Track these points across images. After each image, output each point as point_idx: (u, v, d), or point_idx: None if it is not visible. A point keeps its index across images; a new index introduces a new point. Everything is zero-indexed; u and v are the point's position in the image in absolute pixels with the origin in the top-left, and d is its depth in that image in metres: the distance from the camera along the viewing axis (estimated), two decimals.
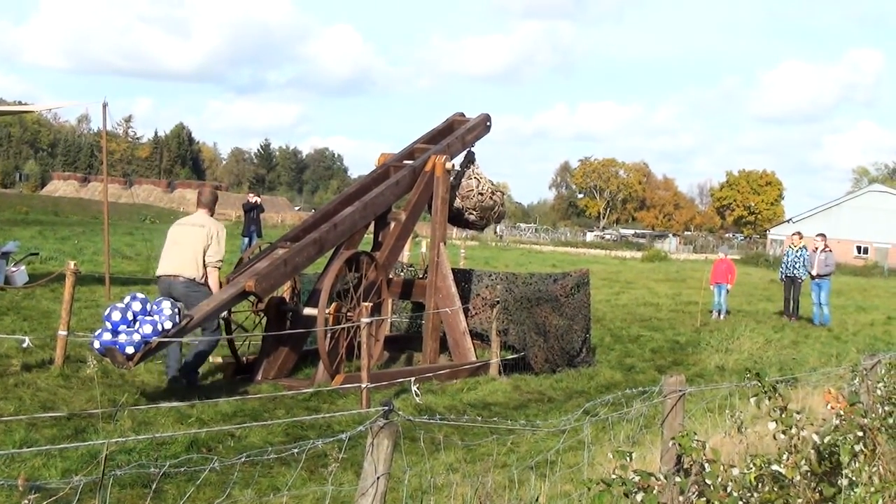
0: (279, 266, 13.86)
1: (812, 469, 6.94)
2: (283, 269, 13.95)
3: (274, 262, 14.00)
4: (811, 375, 13.65)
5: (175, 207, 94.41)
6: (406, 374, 14.99)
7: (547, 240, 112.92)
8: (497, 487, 7.79)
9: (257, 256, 14.81)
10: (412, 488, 7.64)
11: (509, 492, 7.59)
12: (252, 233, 35.69)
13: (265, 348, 14.88)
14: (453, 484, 7.63)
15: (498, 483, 7.92)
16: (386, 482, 5.20)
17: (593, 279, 20.03)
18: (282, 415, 12.38)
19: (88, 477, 5.25)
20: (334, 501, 8.33)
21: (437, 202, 16.61)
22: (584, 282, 18.24)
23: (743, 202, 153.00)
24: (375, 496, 5.17)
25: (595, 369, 17.69)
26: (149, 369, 14.18)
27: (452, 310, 16.39)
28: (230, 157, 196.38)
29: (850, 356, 18.60)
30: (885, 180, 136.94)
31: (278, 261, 13.96)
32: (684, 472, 6.80)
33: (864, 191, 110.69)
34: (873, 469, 7.39)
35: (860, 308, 34.37)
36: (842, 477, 6.98)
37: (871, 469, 7.34)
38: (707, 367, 18.84)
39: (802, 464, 6.93)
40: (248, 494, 8.52)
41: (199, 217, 13.87)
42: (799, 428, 7.03)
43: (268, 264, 13.97)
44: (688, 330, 24.36)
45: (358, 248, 15.82)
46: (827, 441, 7.11)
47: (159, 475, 5.96)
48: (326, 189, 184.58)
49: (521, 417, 13.06)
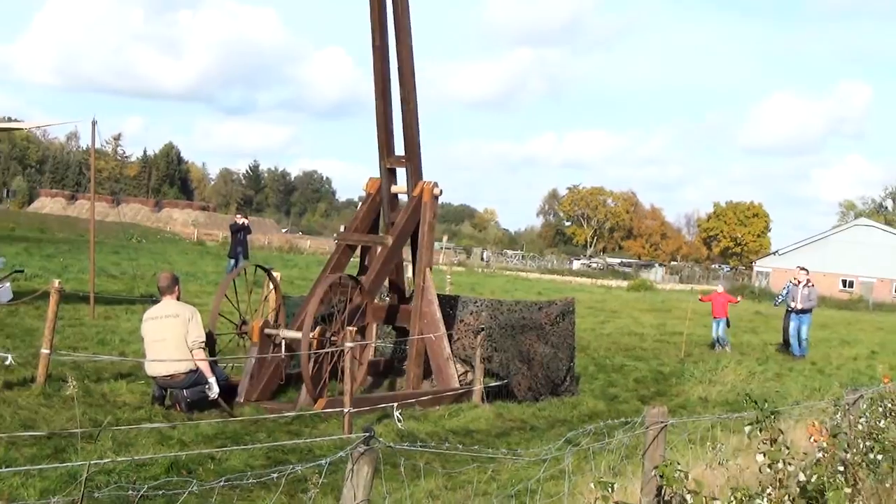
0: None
1: None
2: None
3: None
4: (794, 409, 13.64)
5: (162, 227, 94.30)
6: (389, 399, 14.93)
7: (533, 267, 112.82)
8: None
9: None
10: None
11: None
12: (238, 254, 35.63)
13: (248, 371, 14.83)
14: None
15: None
16: None
17: (579, 308, 20.02)
18: (263, 438, 12.34)
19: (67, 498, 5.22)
20: None
21: (425, 227, 16.59)
22: (570, 310, 18.21)
23: (730, 233, 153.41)
24: None
25: (578, 398, 17.66)
26: (131, 390, 14.13)
27: (437, 335, 16.37)
28: (218, 177, 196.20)
29: (833, 390, 18.61)
30: (872, 214, 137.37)
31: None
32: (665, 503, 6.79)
33: (850, 224, 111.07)
34: None
35: (844, 342, 34.39)
36: None
37: None
38: (690, 399, 18.84)
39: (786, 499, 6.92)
40: None
41: (170, 306, 13.82)
42: (786, 462, 7.04)
43: None
44: (672, 360, 24.34)
45: (343, 273, 15.82)
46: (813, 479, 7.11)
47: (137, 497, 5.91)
48: (314, 212, 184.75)
49: (503, 445, 13.02)
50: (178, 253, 53.18)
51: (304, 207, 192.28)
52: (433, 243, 16.95)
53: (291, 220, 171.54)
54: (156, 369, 13.47)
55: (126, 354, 16.50)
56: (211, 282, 32.92)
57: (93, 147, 23.52)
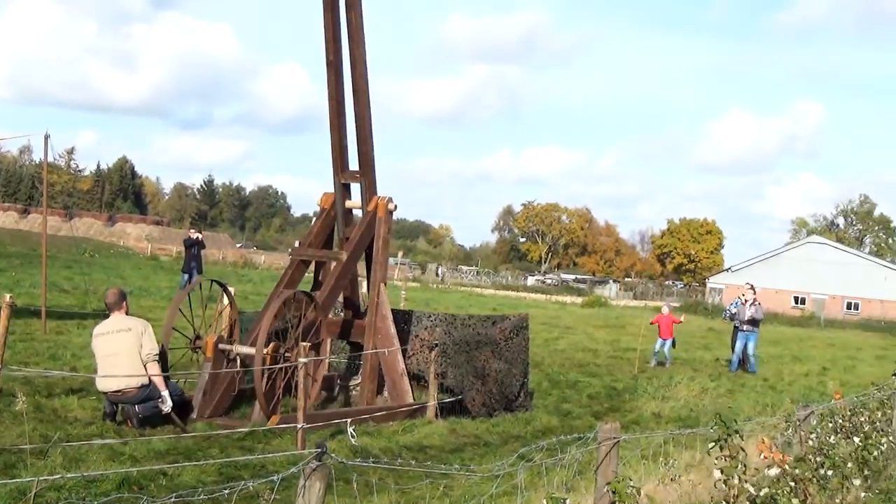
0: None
1: None
2: None
3: None
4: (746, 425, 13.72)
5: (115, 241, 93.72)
6: (342, 415, 14.88)
7: (488, 283, 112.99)
8: None
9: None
10: None
11: None
12: (192, 269, 35.51)
13: (202, 386, 14.75)
14: None
15: None
16: None
17: (533, 323, 20.05)
18: (216, 454, 12.28)
19: None
20: None
21: (379, 242, 16.58)
22: (524, 326, 18.25)
23: (683, 250, 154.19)
24: None
25: (532, 414, 17.68)
26: (82, 405, 14.02)
27: (391, 351, 16.35)
28: (173, 191, 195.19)
29: (784, 406, 18.74)
30: (824, 232, 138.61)
31: None
32: None
33: (802, 242, 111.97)
34: None
35: (796, 358, 34.65)
36: None
37: None
38: (643, 415, 18.89)
39: None
40: None
41: (121, 321, 13.70)
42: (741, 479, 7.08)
43: None
44: (625, 376, 24.43)
45: (297, 288, 15.79)
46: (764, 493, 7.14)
47: None
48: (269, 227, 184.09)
49: (457, 461, 13.02)
50: (131, 268, 52.84)
51: (259, 222, 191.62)
52: (388, 259, 16.94)
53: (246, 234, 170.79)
54: (107, 385, 13.31)
55: (77, 370, 16.36)
56: (164, 297, 32.71)
57: (45, 161, 23.31)
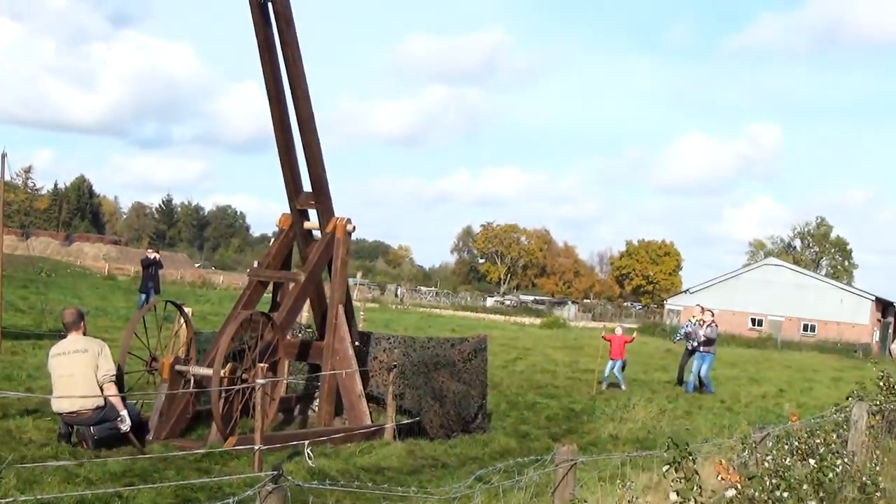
0: None
1: None
2: None
3: None
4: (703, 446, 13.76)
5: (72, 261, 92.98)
6: (300, 436, 14.83)
7: (447, 304, 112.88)
8: None
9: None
10: None
11: None
12: (150, 289, 35.37)
13: (158, 407, 14.67)
14: None
15: None
16: None
17: (491, 345, 20.10)
18: (172, 476, 12.20)
19: None
20: None
21: (338, 263, 16.57)
22: (482, 347, 18.28)
23: (642, 272, 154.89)
24: None
25: (490, 436, 17.68)
26: (37, 426, 13.90)
27: (348, 372, 16.33)
28: (131, 211, 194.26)
29: (741, 428, 18.80)
30: (781, 254, 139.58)
31: None
32: None
33: (759, 264, 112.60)
34: None
35: (753, 380, 34.84)
36: None
37: None
38: (601, 436, 18.92)
39: None
40: None
41: (77, 341, 13.60)
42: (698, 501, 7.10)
43: None
44: (583, 398, 24.48)
45: (255, 309, 15.75)
46: None
47: None
48: (228, 247, 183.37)
49: (414, 483, 12.98)
50: (88, 287, 52.51)
51: (218, 242, 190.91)
52: (346, 279, 16.91)
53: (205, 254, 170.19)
54: (62, 405, 13.19)
55: (33, 390, 16.23)
56: (121, 317, 32.54)
57: (1, 179, 23.18)
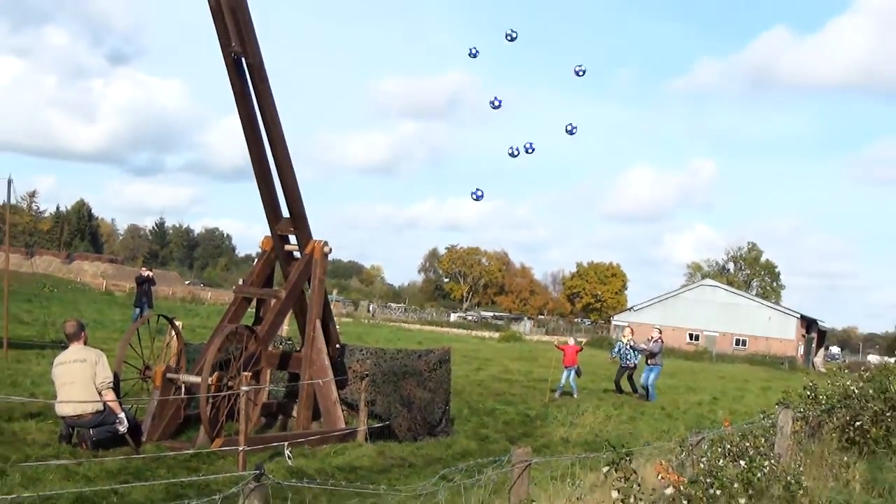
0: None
1: None
2: None
3: None
4: (645, 449, 13.80)
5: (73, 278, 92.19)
6: (280, 438, 14.82)
7: (415, 319, 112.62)
8: None
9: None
10: None
11: None
12: (143, 304, 35.29)
13: (151, 411, 14.62)
14: None
15: None
16: None
17: (454, 356, 20.07)
18: (164, 474, 12.15)
19: None
20: None
21: (315, 282, 16.56)
22: (446, 359, 18.30)
23: (591, 291, 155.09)
24: None
25: (453, 438, 17.68)
26: (40, 428, 13.82)
27: (325, 381, 16.31)
28: (127, 232, 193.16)
29: (679, 432, 18.87)
30: (716, 276, 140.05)
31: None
32: None
33: (697, 284, 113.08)
34: None
35: (690, 389, 34.99)
36: None
37: None
38: (553, 439, 18.95)
39: None
40: None
41: (77, 352, 13.61)
42: (637, 498, 7.13)
43: None
44: (537, 404, 24.49)
45: (240, 323, 15.73)
46: None
47: None
48: (215, 266, 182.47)
49: (384, 481, 12.97)
50: (87, 302, 52.12)
51: (206, 262, 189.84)
52: (323, 297, 16.90)
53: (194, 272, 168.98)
54: (65, 410, 13.22)
55: (36, 395, 16.14)
56: (118, 329, 32.30)
57: (8, 203, 23.17)
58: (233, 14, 13.62)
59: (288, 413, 17.30)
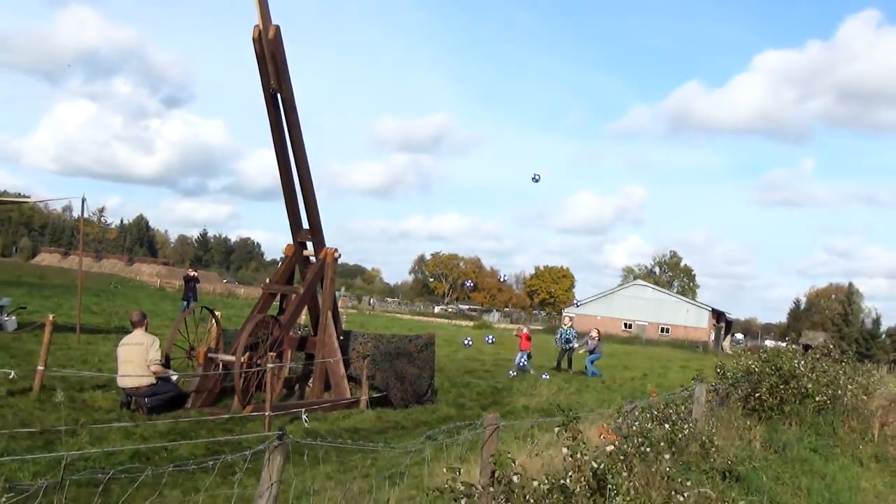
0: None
1: (588, 484, 6.99)
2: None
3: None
4: (589, 415, 13.77)
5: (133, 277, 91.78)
6: (298, 406, 14.78)
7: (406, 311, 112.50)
8: (361, 492, 7.68)
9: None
10: (298, 491, 7.46)
11: (369, 495, 7.47)
12: (190, 297, 35.21)
13: (195, 384, 14.54)
14: (328, 489, 7.49)
15: (362, 489, 7.80)
16: (278, 487, 5.13)
17: (438, 340, 20.03)
18: (204, 434, 12.07)
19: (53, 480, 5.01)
20: (240, 500, 8.08)
21: (327, 281, 16.50)
22: (431, 342, 18.24)
23: (546, 289, 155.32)
24: (269, 497, 5.10)
25: (436, 406, 17.61)
26: (105, 397, 13.73)
27: (335, 360, 16.25)
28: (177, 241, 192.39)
29: (616, 401, 18.79)
30: (645, 277, 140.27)
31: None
32: (497, 482, 6.78)
33: (630, 284, 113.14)
34: (631, 484, 7.47)
35: (625, 367, 34.96)
36: (609, 489, 7.04)
37: (629, 484, 7.42)
38: (517, 407, 18.88)
39: (582, 480, 6.97)
40: (174, 494, 8.25)
41: (138, 336, 13.71)
42: (583, 454, 7.09)
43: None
44: (504, 379, 24.43)
45: (267, 313, 15.66)
46: (600, 464, 7.17)
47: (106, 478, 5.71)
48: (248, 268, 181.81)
49: (382, 440, 12.93)
50: (144, 296, 51.83)
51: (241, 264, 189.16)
52: (334, 293, 16.83)
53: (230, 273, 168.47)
54: (125, 383, 13.29)
55: (103, 371, 16.02)
56: (169, 318, 32.12)
57: (82, 217, 23.14)
58: (273, 58, 13.93)
59: (304, 385, 17.22)
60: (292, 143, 15.11)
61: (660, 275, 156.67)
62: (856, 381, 17.22)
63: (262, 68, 14.09)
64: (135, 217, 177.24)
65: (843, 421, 15.64)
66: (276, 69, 14.07)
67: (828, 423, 15.13)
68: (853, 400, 16.38)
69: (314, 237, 16.45)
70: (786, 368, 15.07)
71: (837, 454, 13.96)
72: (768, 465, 11.79)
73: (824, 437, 14.54)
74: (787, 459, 12.53)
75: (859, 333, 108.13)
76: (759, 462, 11.57)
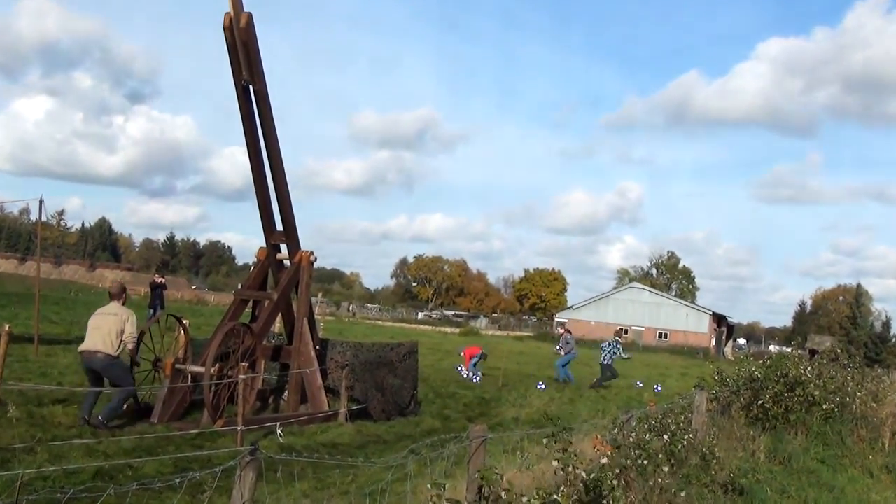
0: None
1: (581, 499, 6.99)
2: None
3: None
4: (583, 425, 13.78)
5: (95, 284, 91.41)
6: (273, 419, 14.74)
7: (388, 317, 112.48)
8: None
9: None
10: None
11: None
12: (156, 305, 35.05)
13: (162, 397, 14.47)
14: None
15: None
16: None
17: (421, 349, 20.01)
18: (172, 450, 11.99)
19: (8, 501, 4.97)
20: None
21: (303, 286, 16.46)
22: (414, 350, 18.24)
23: (536, 293, 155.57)
24: None
25: (420, 418, 17.60)
26: (66, 412, 13.63)
27: (311, 370, 16.21)
28: (142, 245, 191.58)
29: (612, 411, 18.89)
30: (641, 279, 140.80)
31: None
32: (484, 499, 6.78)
33: (625, 287, 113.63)
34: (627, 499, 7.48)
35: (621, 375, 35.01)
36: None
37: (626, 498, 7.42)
38: (506, 418, 18.89)
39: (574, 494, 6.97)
40: None
41: (113, 307, 13.82)
42: (574, 467, 7.09)
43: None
44: (492, 389, 24.45)
45: (238, 321, 15.61)
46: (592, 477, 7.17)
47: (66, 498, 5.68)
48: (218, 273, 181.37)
49: (361, 455, 12.90)
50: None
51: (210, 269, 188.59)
52: (309, 299, 16.80)
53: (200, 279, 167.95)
54: (85, 345, 13.45)
55: (63, 384, 15.93)
56: None
57: (40, 220, 23.03)
58: (245, 48, 13.92)
59: (279, 398, 17.18)
60: (265, 137, 15.10)
61: (657, 277, 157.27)
62: (865, 388, 17.30)
63: (234, 59, 14.06)
64: (97, 220, 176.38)
65: (852, 430, 15.72)
66: (248, 60, 14.04)
67: (836, 433, 15.19)
68: (862, 408, 16.45)
69: (289, 239, 16.42)
70: (791, 374, 15.12)
71: (846, 465, 14.03)
72: (773, 477, 11.83)
73: (832, 448, 14.61)
74: (793, 471, 12.58)
75: (868, 337, 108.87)
76: (764, 474, 11.61)
